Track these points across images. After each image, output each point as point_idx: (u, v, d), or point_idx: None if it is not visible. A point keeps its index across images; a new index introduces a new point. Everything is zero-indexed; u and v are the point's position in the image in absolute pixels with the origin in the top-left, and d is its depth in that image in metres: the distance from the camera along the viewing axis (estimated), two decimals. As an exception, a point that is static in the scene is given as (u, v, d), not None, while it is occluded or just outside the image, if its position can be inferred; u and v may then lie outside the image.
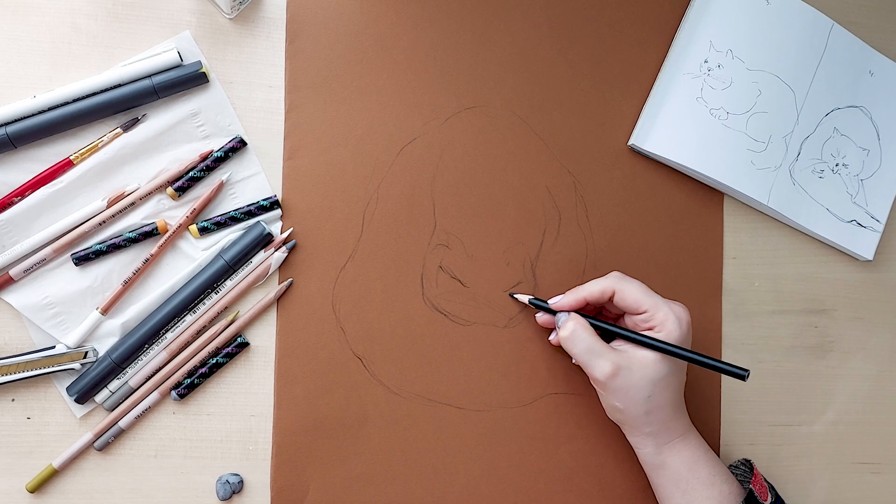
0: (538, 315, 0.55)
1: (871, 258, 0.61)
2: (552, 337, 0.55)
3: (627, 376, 0.48)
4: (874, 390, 0.62)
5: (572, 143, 0.58)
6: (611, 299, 0.51)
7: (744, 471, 0.54)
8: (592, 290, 0.51)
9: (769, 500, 0.50)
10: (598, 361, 0.49)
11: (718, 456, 0.58)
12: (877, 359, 0.62)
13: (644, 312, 0.50)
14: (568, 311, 0.52)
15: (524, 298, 0.55)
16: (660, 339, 0.49)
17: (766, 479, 0.52)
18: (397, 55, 0.56)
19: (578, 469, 0.56)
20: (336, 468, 0.54)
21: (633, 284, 0.51)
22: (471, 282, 0.56)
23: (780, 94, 0.59)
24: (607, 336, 0.52)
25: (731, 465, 0.56)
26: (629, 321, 0.52)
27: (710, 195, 0.60)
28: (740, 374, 0.47)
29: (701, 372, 0.58)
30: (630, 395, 0.49)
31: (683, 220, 0.59)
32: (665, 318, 0.49)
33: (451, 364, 0.55)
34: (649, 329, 0.50)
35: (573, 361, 0.55)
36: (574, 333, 0.50)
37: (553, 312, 0.53)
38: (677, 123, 0.58)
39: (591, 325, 0.51)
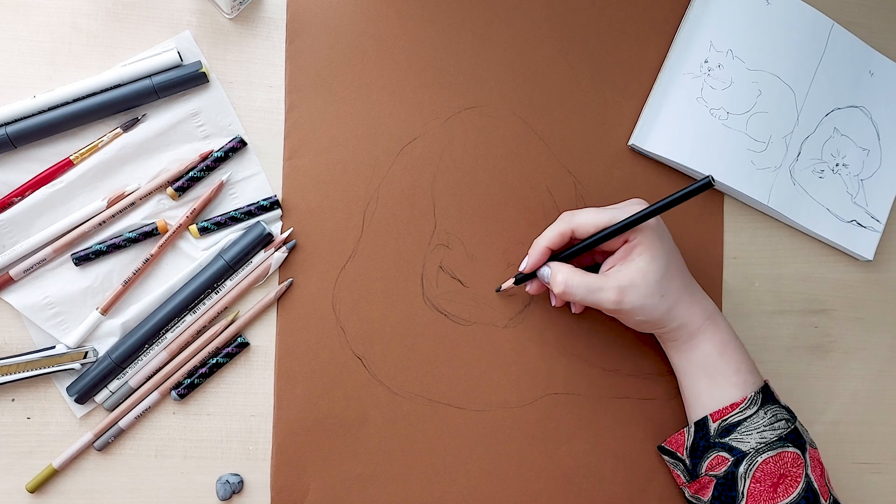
0: (528, 287, 0.54)
1: (871, 258, 0.61)
2: (553, 300, 0.55)
3: (634, 292, 0.49)
4: (874, 390, 0.62)
5: (572, 143, 0.58)
6: (574, 237, 0.51)
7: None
8: (551, 235, 0.51)
9: (783, 403, 0.52)
10: (602, 294, 0.49)
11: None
12: (877, 359, 0.62)
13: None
14: (547, 265, 0.52)
15: (509, 283, 0.54)
16: (636, 243, 0.49)
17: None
18: (397, 55, 0.56)
19: (578, 469, 0.56)
20: (336, 468, 0.54)
21: (584, 214, 0.50)
22: (471, 282, 0.56)
23: (780, 94, 0.59)
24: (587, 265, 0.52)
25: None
26: (606, 247, 0.51)
27: (710, 195, 0.60)
28: (705, 185, 0.46)
29: (701, 372, 0.58)
30: (647, 305, 0.49)
31: (683, 220, 0.59)
32: (628, 214, 0.49)
33: (452, 364, 0.55)
34: (626, 242, 0.50)
35: (574, 311, 0.55)
36: (567, 283, 0.50)
37: (534, 275, 0.53)
38: (677, 123, 0.58)
39: (568, 258, 0.51)
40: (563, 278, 0.50)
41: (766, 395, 0.50)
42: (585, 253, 0.52)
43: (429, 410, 0.55)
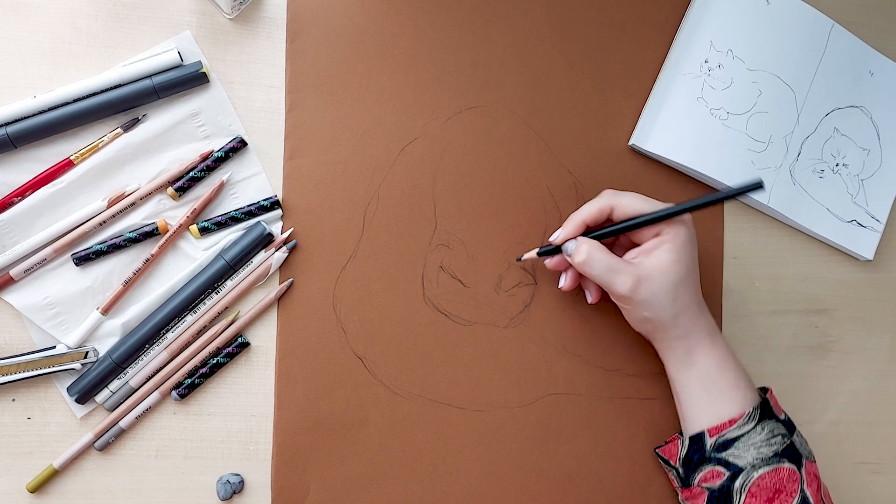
0: (547, 261, 0.54)
1: (871, 258, 0.61)
2: (561, 282, 0.54)
3: (650, 285, 0.49)
4: (874, 390, 0.62)
5: (573, 143, 0.58)
6: (610, 218, 0.51)
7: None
8: (590, 210, 0.51)
9: (783, 416, 0.52)
10: (619, 277, 0.49)
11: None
12: (877, 359, 0.62)
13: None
14: (575, 238, 0.51)
15: (532, 254, 0.54)
16: (667, 240, 0.49)
17: (781, 406, 0.53)
18: (398, 55, 0.56)
19: (578, 469, 0.56)
20: (337, 468, 0.54)
21: (628, 196, 0.51)
22: (471, 282, 0.56)
23: (780, 94, 0.59)
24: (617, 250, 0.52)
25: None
26: (634, 237, 0.51)
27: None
28: (757, 185, 0.46)
29: (701, 372, 0.58)
30: (656, 303, 0.49)
31: (684, 220, 0.59)
32: (669, 223, 0.49)
33: (452, 364, 0.55)
34: (657, 236, 0.50)
35: (590, 300, 0.54)
36: (590, 256, 0.50)
37: (558, 250, 0.52)
38: (678, 123, 0.58)
39: (601, 236, 0.51)
40: (587, 249, 0.50)
41: (765, 411, 0.50)
42: (612, 239, 0.52)
43: (429, 411, 0.55)
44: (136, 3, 0.53)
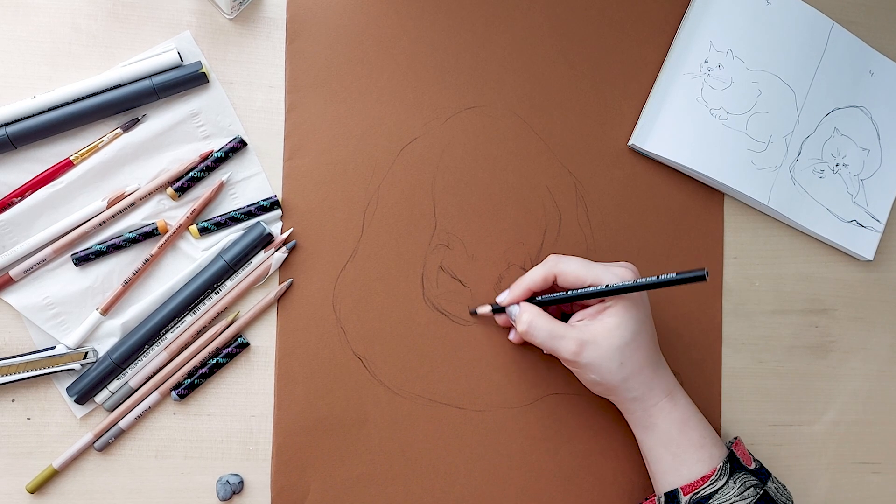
0: (497, 317, 0.54)
1: (871, 258, 0.61)
2: (511, 336, 0.55)
3: (593, 350, 0.48)
4: (874, 390, 0.62)
5: (573, 143, 0.58)
6: (556, 283, 0.51)
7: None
8: (534, 277, 0.51)
9: (753, 466, 0.51)
10: (562, 342, 0.49)
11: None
12: (877, 359, 0.62)
13: (589, 286, 0.50)
14: (518, 304, 0.52)
15: (485, 310, 0.54)
16: (609, 305, 0.49)
17: (751, 454, 0.53)
18: (398, 55, 0.56)
19: (578, 469, 0.56)
20: (336, 468, 0.54)
21: (571, 262, 0.50)
22: (471, 282, 0.56)
23: (780, 94, 0.59)
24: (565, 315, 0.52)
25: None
26: (583, 300, 0.51)
27: (710, 195, 0.60)
28: (699, 277, 0.45)
29: (701, 372, 0.58)
30: (603, 367, 0.49)
31: (684, 220, 0.59)
32: (612, 283, 0.49)
33: (452, 364, 0.55)
34: (601, 300, 0.50)
35: (510, 337, 0.55)
36: (531, 324, 0.50)
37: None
38: (677, 123, 0.58)
39: (544, 304, 0.51)
40: (528, 318, 0.50)
41: (733, 464, 0.50)
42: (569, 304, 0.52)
43: (429, 411, 0.55)
44: (136, 3, 0.53)
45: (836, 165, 0.61)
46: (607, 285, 0.48)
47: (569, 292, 0.50)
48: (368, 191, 0.55)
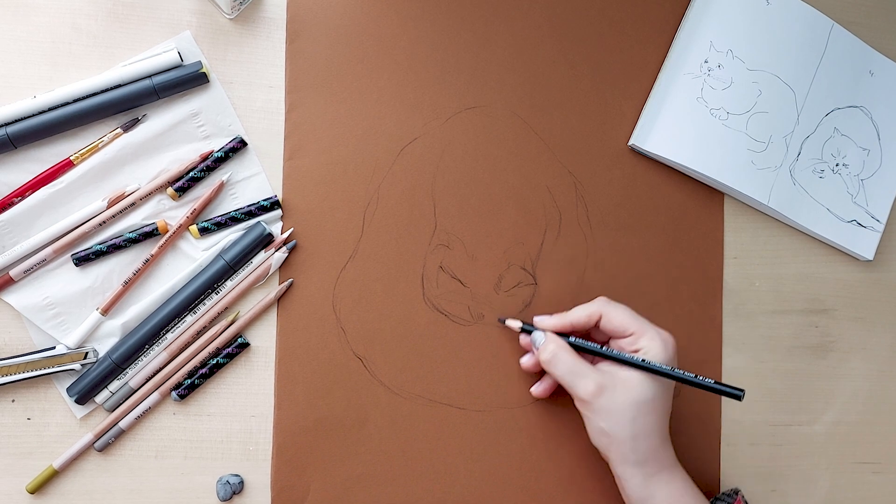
0: (522, 337, 0.54)
1: (871, 258, 0.61)
2: (525, 360, 0.54)
3: (611, 396, 0.48)
4: (874, 390, 0.62)
5: (573, 143, 0.58)
6: (597, 325, 0.51)
7: (729, 499, 0.54)
8: (580, 315, 0.51)
9: None
10: (582, 381, 0.49)
11: (718, 457, 0.59)
12: (877, 359, 0.62)
13: (630, 335, 0.50)
14: (545, 332, 0.52)
15: (515, 325, 0.54)
16: (646, 360, 0.49)
17: None
18: (398, 55, 0.56)
19: (578, 469, 0.56)
20: (336, 468, 0.53)
21: (619, 308, 0.50)
22: (471, 282, 0.56)
23: (780, 94, 0.59)
24: (591, 360, 0.52)
25: (722, 494, 0.56)
26: (615, 345, 0.51)
27: (710, 195, 0.60)
28: (735, 395, 0.47)
29: (701, 372, 0.58)
30: (615, 417, 0.48)
31: (684, 220, 0.59)
32: (651, 341, 0.49)
33: (452, 364, 0.55)
34: (635, 352, 0.49)
35: (532, 391, 0.55)
36: (555, 355, 0.50)
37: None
38: (678, 123, 0.58)
39: (576, 347, 0.51)
40: (554, 349, 0.50)
41: None
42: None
43: (429, 411, 0.55)
44: (136, 3, 0.53)
45: (836, 165, 0.61)
46: (643, 360, 0.48)
47: (603, 348, 0.50)
48: (368, 191, 0.55)
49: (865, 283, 0.62)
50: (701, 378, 0.48)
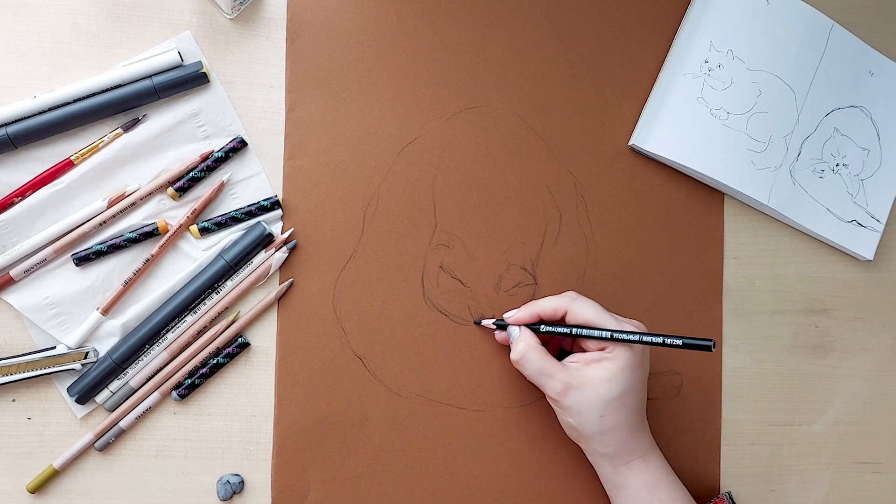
0: (497, 333, 0.54)
1: (871, 258, 0.61)
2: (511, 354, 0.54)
3: (578, 395, 0.48)
4: (874, 390, 0.62)
5: (573, 143, 0.58)
6: (564, 318, 0.51)
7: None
8: (545, 306, 0.51)
9: None
10: (549, 381, 0.49)
11: (718, 457, 0.59)
12: (877, 359, 0.62)
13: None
14: (520, 326, 0.52)
15: (488, 323, 0.54)
16: (608, 358, 0.48)
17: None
18: (398, 55, 0.56)
19: (578, 469, 0.56)
20: (337, 468, 0.54)
21: (585, 304, 0.50)
22: (471, 282, 0.56)
23: (780, 94, 0.59)
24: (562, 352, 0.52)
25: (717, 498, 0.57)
26: (584, 344, 0.51)
27: (710, 195, 0.60)
28: (705, 346, 0.45)
29: (701, 372, 0.58)
30: (582, 414, 0.48)
31: (684, 220, 0.59)
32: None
33: (452, 364, 0.55)
34: (602, 349, 0.49)
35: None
36: (524, 355, 0.50)
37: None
38: (678, 123, 0.58)
39: (548, 332, 0.51)
40: (523, 349, 0.50)
41: None
42: (567, 339, 0.53)
43: (429, 410, 0.55)
44: (136, 3, 0.53)
45: (836, 165, 0.61)
46: (612, 334, 0.48)
47: (572, 331, 0.50)
48: (368, 191, 0.55)
49: (865, 283, 0.62)
50: (667, 339, 0.47)
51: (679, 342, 0.47)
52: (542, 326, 0.51)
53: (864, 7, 0.63)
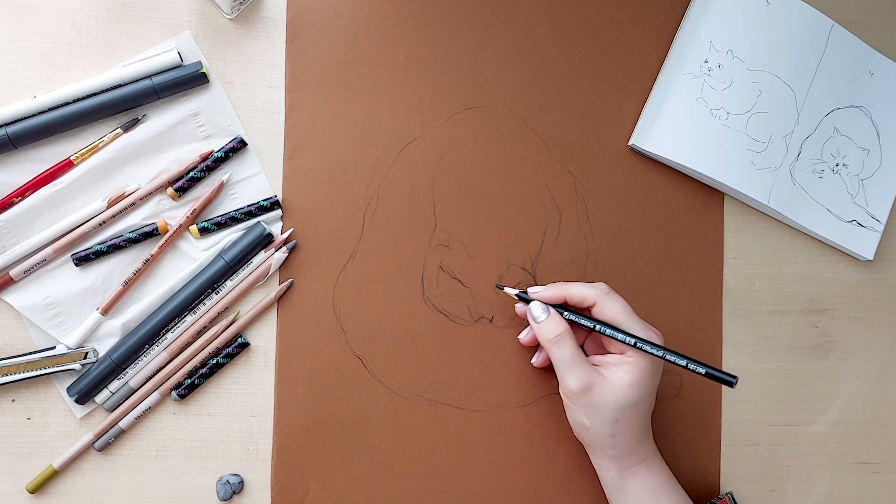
0: (518, 306, 0.53)
1: (871, 258, 0.61)
2: (523, 335, 0.54)
3: (598, 395, 0.48)
4: (874, 390, 0.62)
5: (572, 143, 0.58)
6: (589, 309, 0.51)
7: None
8: (574, 291, 0.51)
9: None
10: (572, 375, 0.49)
11: (718, 457, 0.59)
12: (877, 359, 0.62)
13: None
14: (548, 308, 0.51)
15: (512, 292, 0.53)
16: (630, 363, 0.48)
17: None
18: (398, 55, 0.56)
19: (578, 469, 0.56)
20: (337, 468, 0.54)
21: (616, 302, 0.50)
22: (471, 282, 0.56)
23: (780, 94, 0.59)
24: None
25: (716, 498, 0.57)
26: (605, 344, 0.51)
27: (710, 195, 0.60)
28: (728, 381, 0.46)
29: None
30: (597, 415, 0.48)
31: (684, 220, 0.59)
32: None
33: (452, 364, 0.55)
34: (622, 353, 0.49)
35: (532, 361, 0.55)
36: (563, 338, 0.49)
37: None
38: (677, 123, 0.58)
39: (569, 320, 0.51)
40: (562, 330, 0.50)
41: None
42: (581, 329, 0.52)
43: (429, 411, 0.55)
44: (136, 3, 0.53)
45: (836, 165, 0.61)
46: (636, 342, 0.48)
47: (596, 326, 0.50)
48: (368, 191, 0.55)
49: (865, 283, 0.62)
50: (693, 364, 0.47)
51: (702, 371, 0.47)
52: (566, 312, 0.51)
53: (864, 7, 0.63)
